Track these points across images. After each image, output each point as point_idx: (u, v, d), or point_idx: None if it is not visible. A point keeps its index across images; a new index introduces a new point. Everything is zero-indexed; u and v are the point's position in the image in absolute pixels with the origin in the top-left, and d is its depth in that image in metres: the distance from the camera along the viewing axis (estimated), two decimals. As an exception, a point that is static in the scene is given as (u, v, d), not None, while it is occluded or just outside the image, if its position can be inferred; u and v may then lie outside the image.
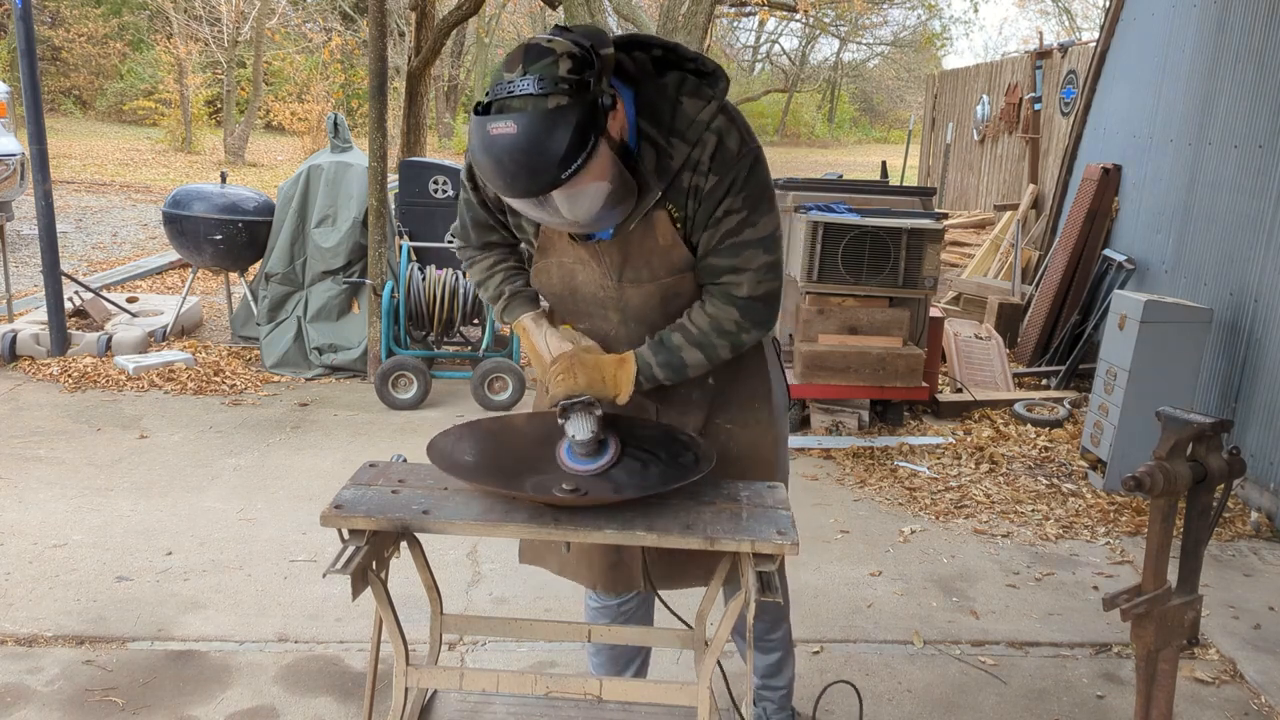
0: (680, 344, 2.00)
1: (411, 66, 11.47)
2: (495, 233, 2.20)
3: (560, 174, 1.68)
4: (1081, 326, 6.28)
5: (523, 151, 1.66)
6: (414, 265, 5.62)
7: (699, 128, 1.88)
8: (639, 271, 2.00)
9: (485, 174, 1.73)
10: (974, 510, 4.32)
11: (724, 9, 15.79)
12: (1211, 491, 1.96)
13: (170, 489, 4.20)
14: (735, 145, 1.90)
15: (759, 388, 2.22)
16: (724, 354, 2.03)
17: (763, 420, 2.21)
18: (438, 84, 23.68)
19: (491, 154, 1.69)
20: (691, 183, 1.90)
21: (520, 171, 1.68)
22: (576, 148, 1.67)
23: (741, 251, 1.94)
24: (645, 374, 2.00)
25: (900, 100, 36.47)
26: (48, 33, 22.68)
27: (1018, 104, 10.44)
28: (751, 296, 1.98)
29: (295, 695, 2.82)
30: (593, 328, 2.14)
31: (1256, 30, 4.92)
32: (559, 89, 1.67)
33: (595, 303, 2.08)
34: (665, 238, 1.96)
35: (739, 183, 1.90)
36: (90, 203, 12.55)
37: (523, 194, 1.73)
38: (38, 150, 5.69)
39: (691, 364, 2.02)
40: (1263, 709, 2.96)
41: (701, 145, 1.88)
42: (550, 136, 1.66)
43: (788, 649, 2.55)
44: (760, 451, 2.21)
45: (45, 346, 5.81)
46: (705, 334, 2.00)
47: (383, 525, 1.80)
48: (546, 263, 2.09)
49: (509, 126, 1.66)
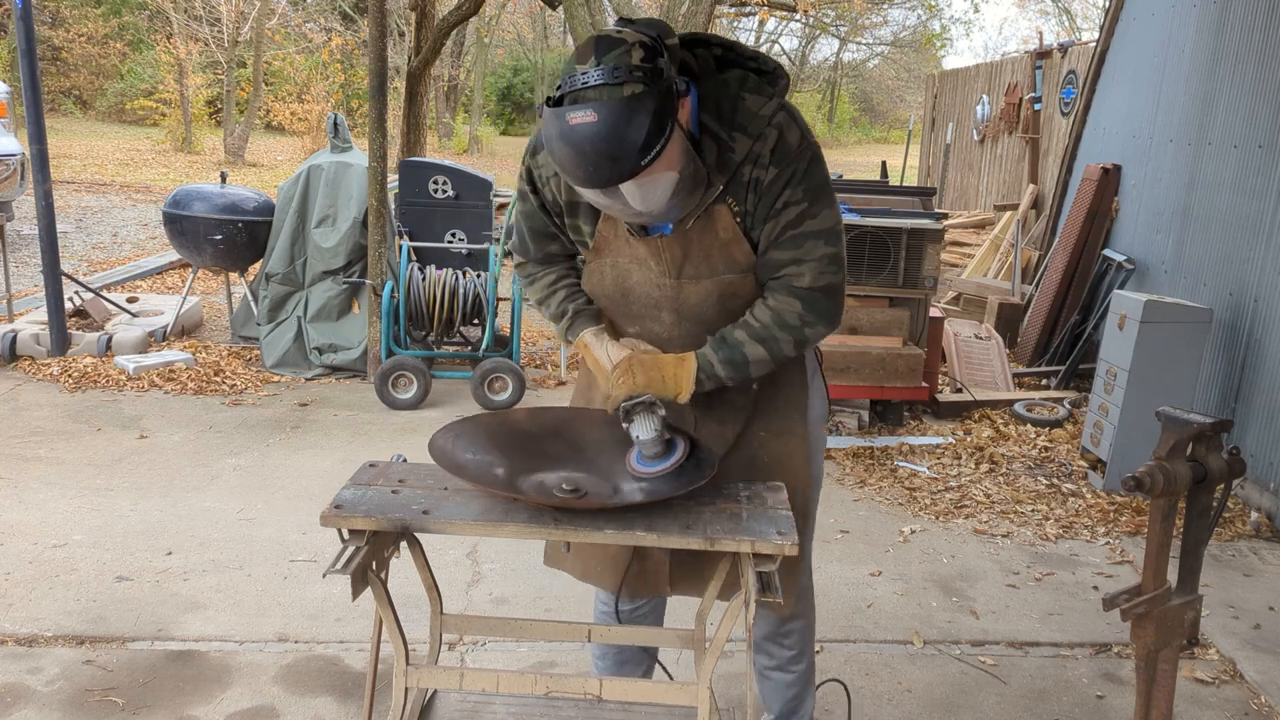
0: (743, 339, 1.97)
1: (411, 66, 11.47)
2: (555, 241, 2.17)
3: (640, 160, 1.70)
4: (1081, 326, 6.28)
5: (604, 140, 1.67)
6: (414, 265, 5.61)
7: (761, 122, 1.89)
8: (698, 267, 1.99)
9: (564, 165, 1.73)
10: (974, 510, 4.32)
11: (724, 9, 15.79)
12: (1211, 491, 1.96)
13: (170, 489, 4.20)
14: (796, 140, 1.91)
15: (796, 398, 2.19)
16: (788, 350, 1.99)
17: (797, 431, 2.18)
18: (438, 84, 23.68)
19: (572, 144, 1.69)
20: (752, 175, 1.91)
21: (602, 160, 1.69)
22: (655, 134, 1.69)
23: (802, 243, 1.93)
24: (707, 371, 1.97)
25: (900, 100, 36.46)
26: (48, 33, 22.67)
27: (1018, 104, 10.44)
28: (814, 287, 1.95)
29: (295, 695, 2.82)
30: (644, 330, 2.12)
31: (1256, 30, 4.92)
32: (634, 77, 1.68)
33: (649, 304, 2.07)
34: (726, 232, 1.96)
35: (799, 175, 1.91)
36: (90, 203, 12.54)
37: (604, 183, 1.73)
38: (38, 150, 5.69)
39: (754, 360, 1.97)
40: (1263, 709, 2.96)
41: (763, 139, 1.89)
42: (630, 124, 1.67)
43: (806, 684, 2.48)
44: (792, 461, 2.18)
45: (45, 346, 5.80)
46: (768, 328, 1.96)
47: (383, 525, 1.80)
48: (600, 263, 2.08)
49: (589, 115, 1.67)
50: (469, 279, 5.62)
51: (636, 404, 1.91)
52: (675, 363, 1.98)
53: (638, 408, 1.91)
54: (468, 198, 6.74)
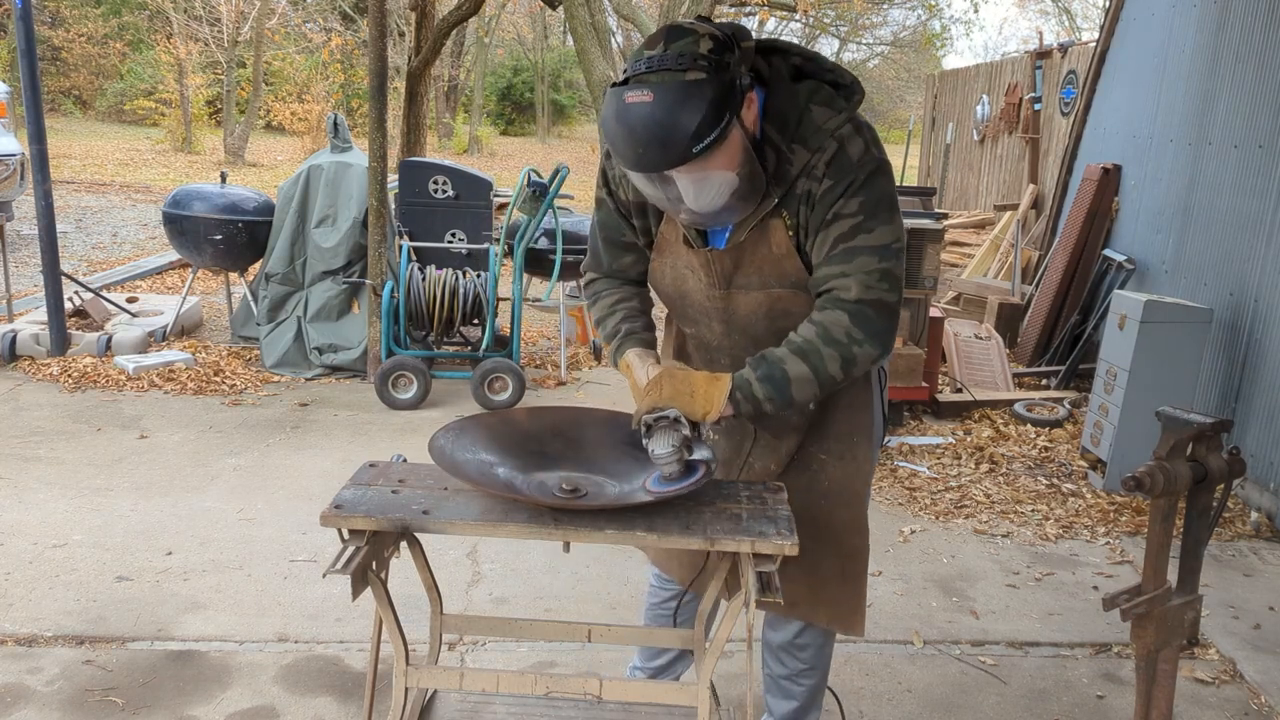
0: (783, 355, 1.86)
1: (411, 66, 11.46)
2: (628, 253, 2.13)
3: (692, 147, 1.66)
4: (1081, 326, 6.28)
5: (657, 122, 1.65)
6: (414, 265, 5.61)
7: (822, 135, 1.84)
8: (749, 278, 1.95)
9: (616, 145, 1.71)
10: (974, 510, 4.32)
11: (724, 9, 15.79)
12: (1211, 491, 1.96)
13: (170, 489, 4.20)
14: (856, 152, 1.84)
15: (862, 422, 2.11)
16: (834, 369, 1.85)
17: (860, 456, 2.12)
18: (438, 84, 23.68)
19: (625, 122, 1.68)
20: (805, 188, 1.85)
21: (653, 142, 1.67)
22: (710, 123, 1.66)
23: (854, 257, 1.83)
24: (743, 390, 1.86)
25: (900, 100, 36.45)
26: (48, 33, 22.68)
27: (1018, 104, 10.44)
28: (861, 300, 1.83)
29: (295, 695, 2.82)
30: (698, 334, 2.11)
31: (1256, 30, 4.92)
32: (697, 64, 1.67)
33: (701, 311, 2.06)
34: (779, 246, 1.91)
35: (855, 186, 1.82)
36: (90, 203, 12.54)
37: (653, 166, 1.70)
38: (38, 150, 5.69)
39: (795, 377, 1.84)
40: (1263, 709, 2.96)
41: (821, 151, 1.83)
42: (684, 108, 1.65)
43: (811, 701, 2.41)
44: (853, 486, 2.13)
45: (45, 346, 5.80)
46: (811, 343, 1.85)
47: (383, 525, 1.80)
48: (661, 263, 2.07)
49: (645, 95, 1.66)
50: (469, 279, 5.62)
51: (659, 418, 1.82)
52: (707, 380, 1.88)
53: (660, 422, 1.82)
54: (468, 198, 6.74)
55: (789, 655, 2.35)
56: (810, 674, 2.37)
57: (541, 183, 5.51)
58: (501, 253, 5.74)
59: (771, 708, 2.47)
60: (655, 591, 2.49)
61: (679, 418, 1.82)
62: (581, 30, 8.75)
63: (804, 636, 2.31)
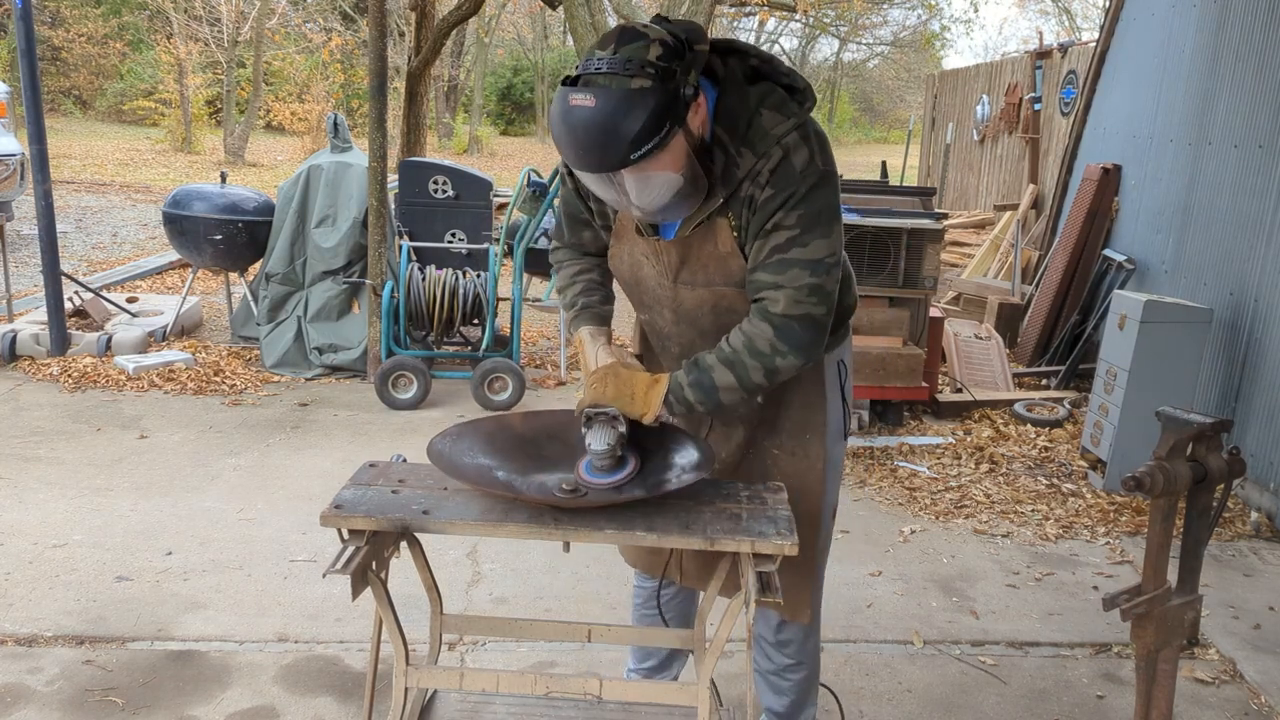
0: (712, 363, 1.94)
1: (411, 66, 11.47)
2: (587, 229, 2.19)
3: (630, 154, 1.70)
4: (1081, 326, 6.28)
5: (597, 127, 1.69)
6: (414, 265, 5.61)
7: (769, 141, 1.86)
8: (694, 275, 2.00)
9: (559, 143, 1.76)
10: (974, 510, 4.32)
11: (724, 9, 15.78)
12: (1211, 491, 1.96)
13: (170, 489, 4.20)
14: (800, 163, 1.86)
15: (813, 419, 2.16)
16: (756, 378, 1.93)
17: (812, 453, 2.16)
18: (438, 84, 23.68)
19: (567, 124, 1.72)
20: (749, 193, 1.89)
21: (593, 145, 1.71)
22: (650, 131, 1.69)
23: (787, 269, 1.88)
24: (675, 394, 1.95)
25: (900, 100, 36.47)
26: (48, 33, 22.67)
27: (1018, 104, 10.44)
28: (787, 315, 1.89)
29: (295, 695, 2.82)
30: (652, 321, 2.17)
31: (1256, 30, 4.92)
32: (644, 72, 1.69)
33: (655, 298, 2.11)
34: (724, 245, 1.95)
35: (795, 199, 1.85)
36: (90, 203, 12.54)
37: (592, 168, 1.75)
38: (38, 150, 5.69)
39: (721, 385, 1.93)
40: (1263, 709, 2.96)
41: (767, 158, 1.86)
42: (626, 116, 1.68)
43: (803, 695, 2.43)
44: (806, 482, 2.17)
45: (45, 346, 5.80)
46: (737, 353, 1.92)
47: (383, 525, 1.80)
48: (619, 248, 2.12)
49: (588, 100, 1.69)
50: (469, 279, 5.62)
51: (599, 413, 1.92)
52: (648, 383, 1.97)
53: (600, 417, 1.92)
54: (468, 198, 6.74)
55: (774, 650, 2.36)
56: (797, 669, 2.39)
57: (541, 183, 5.51)
58: (501, 253, 5.74)
59: (764, 703, 2.49)
60: (638, 591, 2.52)
61: (617, 416, 1.92)
62: (581, 30, 8.75)
63: (784, 632, 2.33)
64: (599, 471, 1.93)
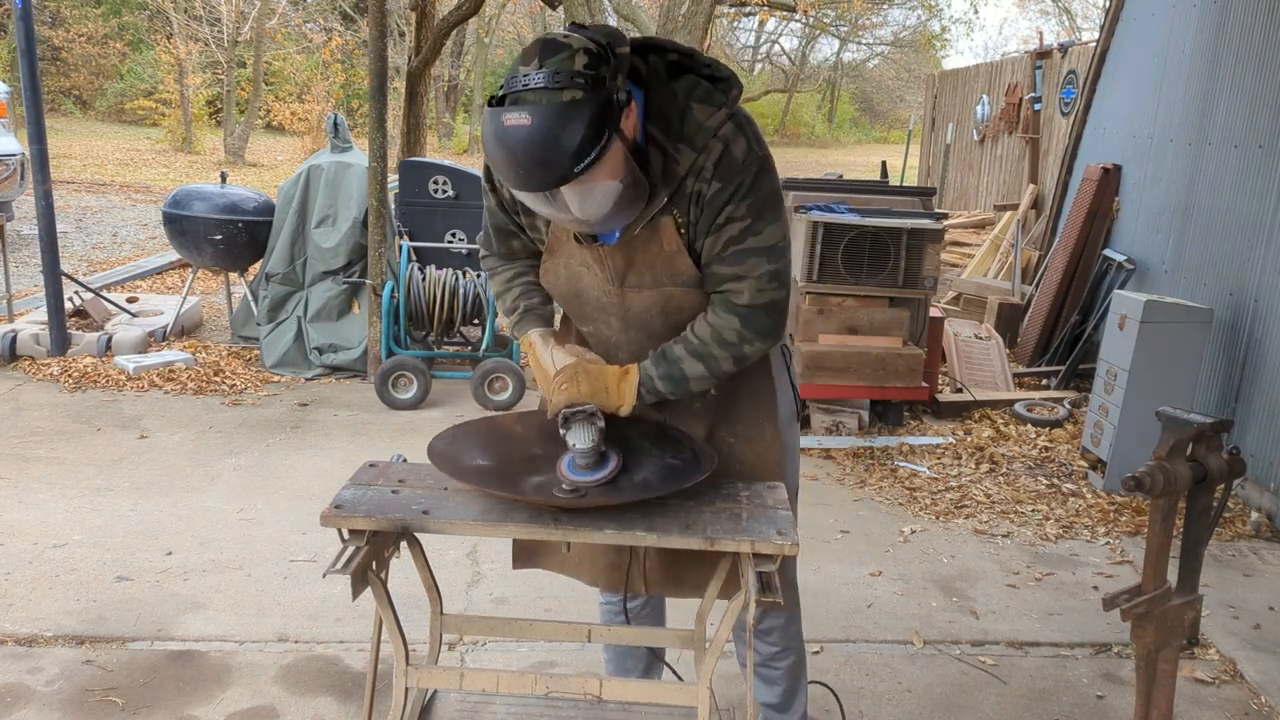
0: (681, 355, 1.97)
1: (411, 66, 11.47)
2: (516, 238, 2.17)
3: (573, 168, 1.67)
4: (1081, 326, 6.28)
5: (537, 144, 1.65)
6: (414, 265, 5.62)
7: (706, 134, 1.86)
8: (641, 277, 1.99)
9: (498, 167, 1.72)
10: (974, 510, 4.32)
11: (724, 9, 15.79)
12: (1211, 491, 1.96)
13: (170, 489, 4.20)
14: (741, 153, 1.87)
15: (765, 403, 2.18)
16: (726, 366, 1.99)
17: (768, 436, 2.18)
18: (438, 84, 23.68)
19: (505, 145, 1.68)
20: (695, 188, 1.88)
21: (534, 165, 1.67)
22: (590, 141, 1.66)
23: (745, 259, 1.91)
24: (647, 386, 1.98)
25: (900, 100, 36.46)
26: (48, 33, 22.66)
27: (1018, 104, 10.44)
28: (753, 305, 1.94)
29: (295, 695, 2.82)
30: (596, 332, 2.13)
31: (1256, 30, 4.92)
32: (574, 83, 1.66)
33: (599, 307, 2.08)
34: (670, 244, 1.94)
35: (743, 189, 1.87)
36: (90, 203, 12.55)
37: (536, 187, 1.71)
38: (38, 150, 5.69)
39: (693, 376, 1.98)
40: (1263, 709, 2.96)
41: (707, 152, 1.86)
42: (564, 130, 1.65)
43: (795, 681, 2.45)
44: (765, 466, 2.18)
45: (45, 346, 5.80)
46: (706, 344, 1.96)
47: (383, 525, 1.80)
48: (555, 264, 2.08)
49: (523, 118, 1.65)
50: (469, 279, 5.62)
51: (577, 412, 1.91)
52: (619, 375, 1.98)
53: (578, 416, 1.91)
54: (468, 198, 6.74)
55: (758, 640, 2.37)
56: (784, 655, 2.40)
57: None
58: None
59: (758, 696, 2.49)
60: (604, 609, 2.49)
61: (595, 412, 1.92)
62: (581, 30, 8.73)
63: (765, 620, 2.33)
64: (582, 470, 1.92)
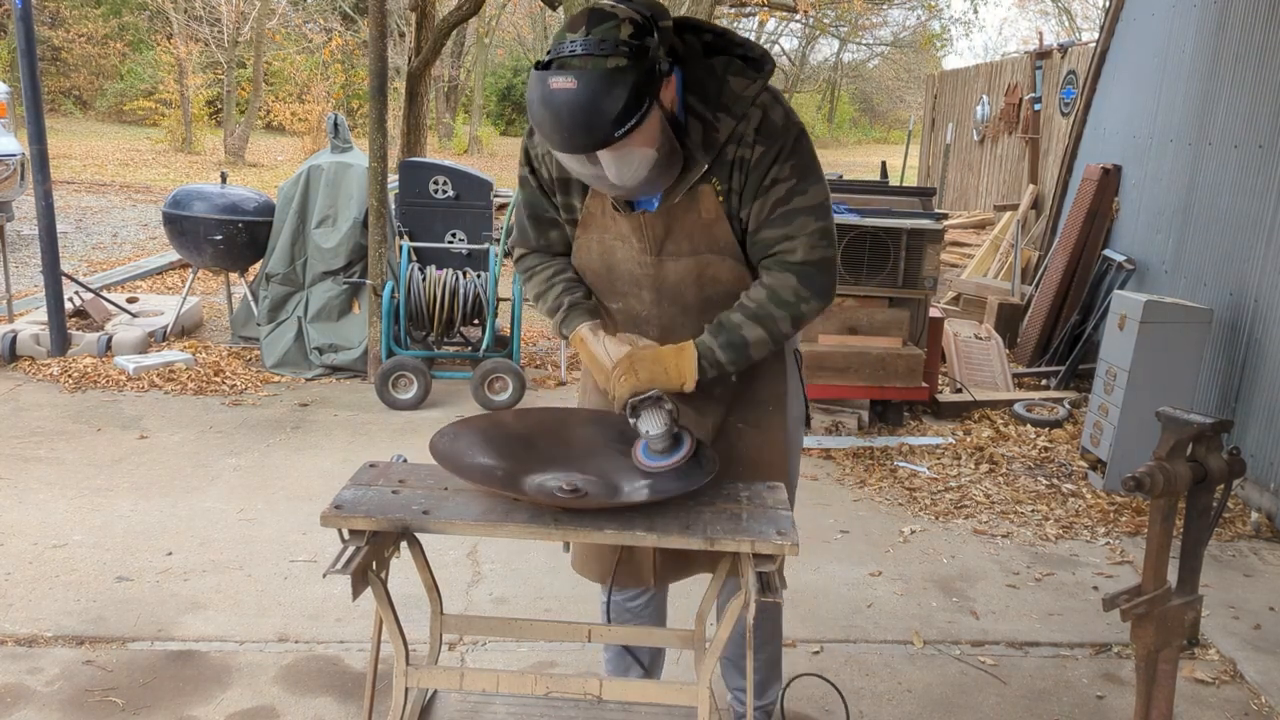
0: (740, 321, 1.99)
1: (411, 67, 11.47)
2: (555, 228, 2.19)
3: (614, 132, 1.74)
4: (1081, 327, 6.28)
5: (580, 108, 1.72)
6: (414, 265, 5.62)
7: (744, 103, 1.92)
8: (679, 244, 2.03)
9: (542, 128, 1.78)
10: (974, 510, 4.32)
11: (724, 9, 15.78)
12: (1211, 491, 1.96)
13: (170, 489, 4.20)
14: (780, 118, 1.95)
15: (776, 390, 2.21)
16: (785, 328, 2.00)
17: (775, 424, 2.20)
18: (438, 84, 23.67)
19: (550, 107, 1.74)
20: (737, 155, 1.94)
21: (577, 127, 1.74)
22: (631, 108, 1.73)
23: (793, 219, 1.96)
24: (708, 358, 1.99)
25: (900, 100, 36.45)
26: (48, 33, 22.65)
27: (1018, 104, 10.44)
28: (807, 261, 1.97)
29: (295, 695, 2.82)
30: (626, 308, 2.15)
31: (1256, 30, 4.92)
32: (619, 51, 1.73)
33: (631, 281, 2.10)
34: (709, 212, 1.99)
35: (786, 151, 1.94)
36: (90, 203, 12.55)
37: (577, 149, 1.77)
38: (38, 150, 5.69)
39: (753, 341, 1.99)
40: (1263, 709, 2.96)
41: (747, 120, 1.92)
42: (608, 95, 1.72)
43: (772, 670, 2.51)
44: (768, 454, 2.19)
45: (45, 347, 5.80)
46: (764, 306, 1.98)
47: (383, 525, 1.80)
48: (587, 238, 2.11)
49: (569, 82, 1.72)
50: (469, 279, 5.62)
51: (644, 399, 1.92)
52: (675, 354, 2.00)
53: (645, 403, 1.92)
54: (468, 198, 6.74)
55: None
56: (760, 649, 2.41)
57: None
58: (502, 253, 5.74)
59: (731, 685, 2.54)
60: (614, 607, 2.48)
61: (661, 396, 1.93)
62: (581, 30, 8.74)
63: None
64: (658, 454, 1.92)
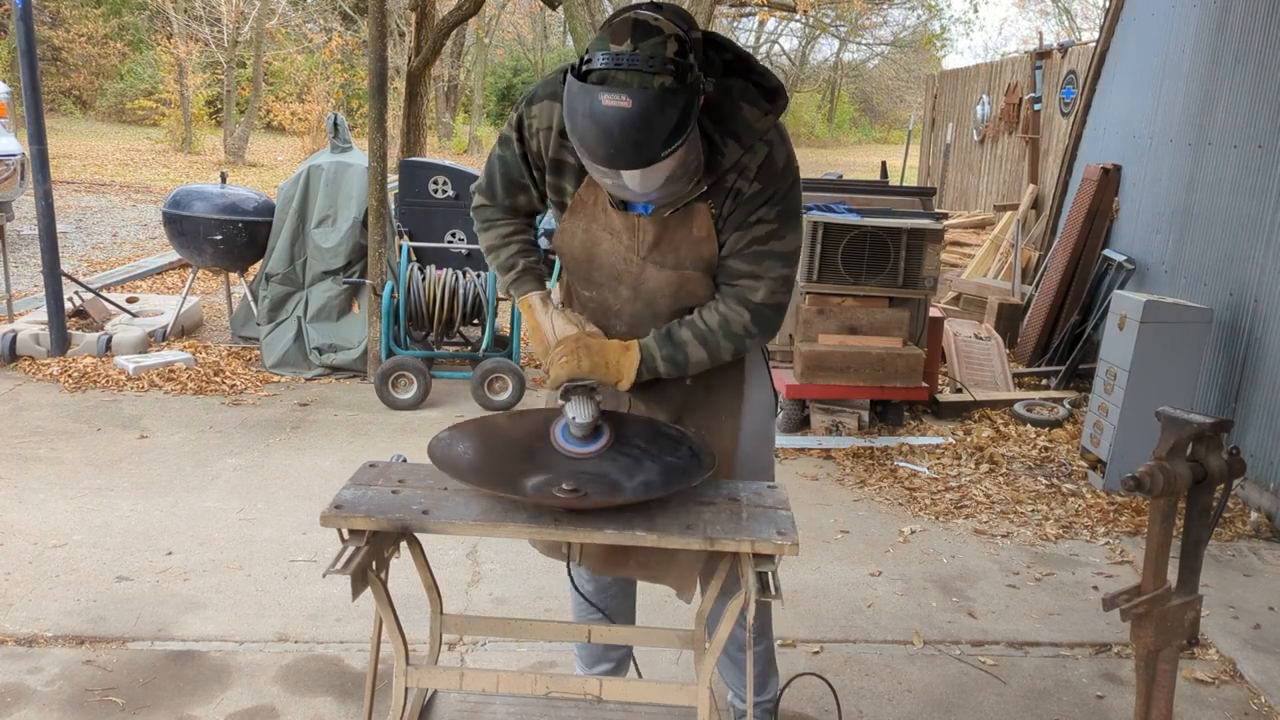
0: (688, 339, 2.04)
1: (411, 66, 11.47)
2: (524, 193, 2.19)
3: (661, 151, 1.75)
4: (1081, 326, 6.28)
5: (635, 127, 1.72)
6: (414, 265, 5.61)
7: (754, 135, 1.94)
8: (666, 255, 2.04)
9: (586, 142, 1.77)
10: (974, 510, 4.32)
11: (724, 9, 15.79)
12: (1211, 491, 1.96)
13: (170, 489, 4.20)
14: (783, 160, 1.98)
15: (730, 404, 2.24)
16: (726, 356, 2.07)
17: (726, 434, 2.23)
18: (438, 84, 23.67)
19: (601, 125, 1.73)
20: (735, 185, 1.96)
21: (627, 145, 1.74)
22: (680, 128, 1.75)
23: (763, 260, 2.01)
24: (649, 364, 2.04)
25: (900, 100, 36.44)
26: (48, 33, 22.65)
27: (1018, 104, 10.44)
28: (765, 304, 2.03)
29: (295, 695, 2.82)
30: (599, 298, 2.16)
31: (1256, 30, 4.92)
32: (666, 69, 1.73)
33: (611, 274, 2.11)
34: (701, 229, 2.01)
35: (778, 196, 1.98)
36: (90, 203, 12.55)
37: (624, 165, 1.77)
38: (38, 150, 5.69)
39: (694, 361, 2.05)
40: (1263, 709, 2.96)
41: (753, 153, 1.95)
42: (661, 115, 1.72)
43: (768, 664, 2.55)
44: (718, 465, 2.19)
45: (45, 346, 5.80)
46: (713, 333, 2.03)
47: (383, 525, 1.80)
48: (573, 224, 2.10)
49: (623, 100, 1.71)
50: (469, 279, 5.62)
51: (578, 386, 1.97)
52: (620, 351, 2.03)
53: (577, 389, 1.97)
54: (468, 198, 6.72)
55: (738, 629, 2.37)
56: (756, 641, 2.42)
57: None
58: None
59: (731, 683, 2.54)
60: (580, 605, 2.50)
61: (594, 387, 1.98)
62: (581, 30, 8.74)
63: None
64: (577, 440, 1.99)
